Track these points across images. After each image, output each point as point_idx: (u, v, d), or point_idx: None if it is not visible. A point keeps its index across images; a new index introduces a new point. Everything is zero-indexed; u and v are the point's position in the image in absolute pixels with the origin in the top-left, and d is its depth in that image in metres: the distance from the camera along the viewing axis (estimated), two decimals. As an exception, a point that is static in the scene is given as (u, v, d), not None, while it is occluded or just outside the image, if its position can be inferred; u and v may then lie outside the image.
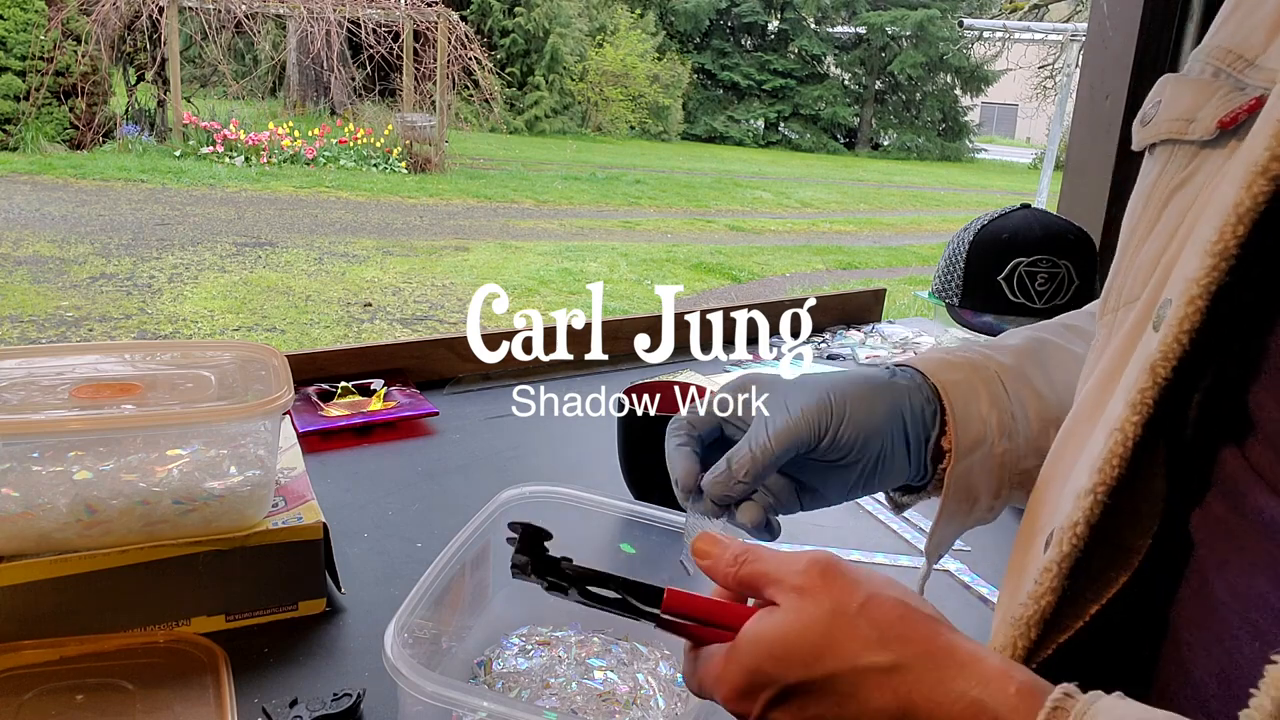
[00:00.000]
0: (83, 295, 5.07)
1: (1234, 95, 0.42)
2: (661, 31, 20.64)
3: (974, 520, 0.61)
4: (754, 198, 11.47)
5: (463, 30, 11.00)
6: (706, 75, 21.81)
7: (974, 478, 0.58)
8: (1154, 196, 0.46)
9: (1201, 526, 0.40)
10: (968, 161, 22.25)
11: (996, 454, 0.58)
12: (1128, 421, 0.40)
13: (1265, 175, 0.36)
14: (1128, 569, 0.42)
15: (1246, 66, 0.42)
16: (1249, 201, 0.37)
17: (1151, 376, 0.39)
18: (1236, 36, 0.44)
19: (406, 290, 5.73)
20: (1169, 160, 0.45)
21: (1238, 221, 0.37)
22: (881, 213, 11.56)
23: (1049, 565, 0.42)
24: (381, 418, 1.13)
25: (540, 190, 10.13)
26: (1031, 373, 0.60)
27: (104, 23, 9.53)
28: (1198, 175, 0.43)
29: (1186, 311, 0.38)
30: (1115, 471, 0.40)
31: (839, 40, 22.88)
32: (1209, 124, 0.42)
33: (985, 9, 22.26)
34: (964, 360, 0.60)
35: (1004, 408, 0.58)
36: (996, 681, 0.37)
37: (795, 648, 0.40)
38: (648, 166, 13.49)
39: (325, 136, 10.71)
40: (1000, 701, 0.37)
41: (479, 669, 0.68)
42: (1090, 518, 0.41)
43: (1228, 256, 0.37)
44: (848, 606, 0.40)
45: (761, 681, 0.41)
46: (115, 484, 0.69)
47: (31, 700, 0.63)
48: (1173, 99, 0.46)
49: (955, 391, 0.58)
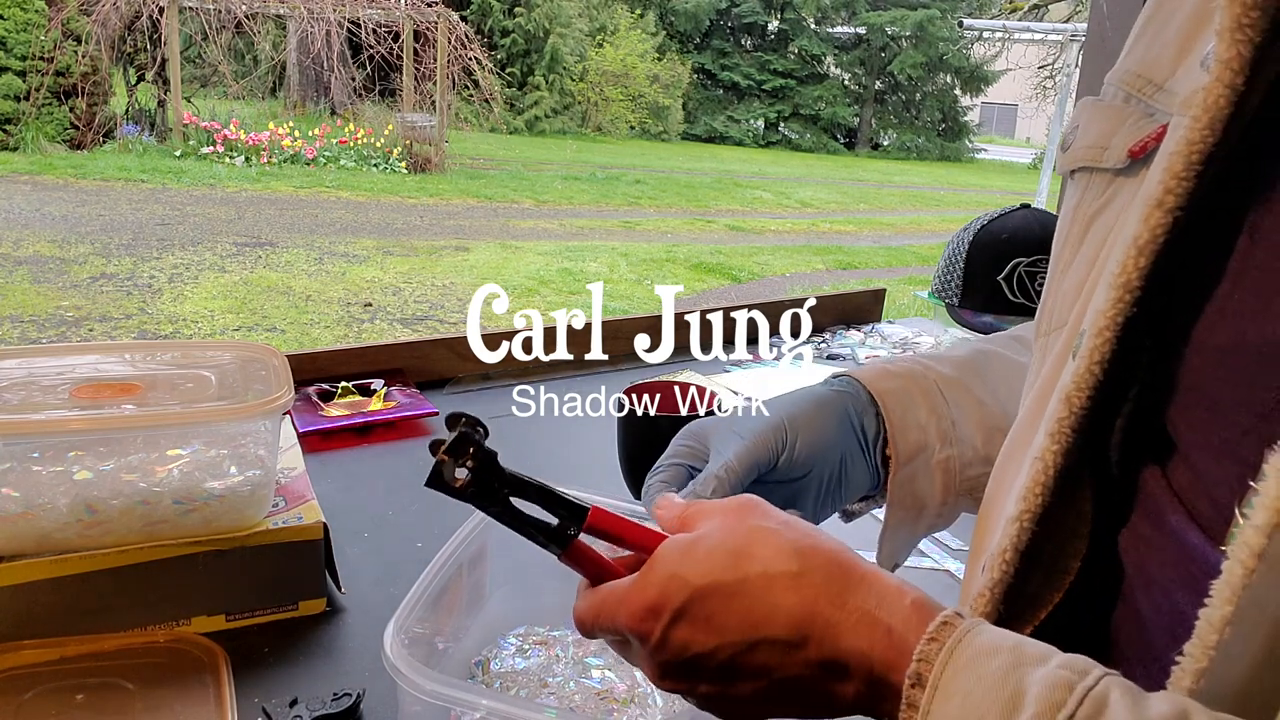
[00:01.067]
0: (83, 295, 5.07)
1: (1144, 122, 0.42)
2: (661, 31, 20.64)
3: (925, 527, 0.62)
4: (754, 198, 11.47)
5: (463, 30, 11.00)
6: (706, 75, 21.81)
7: (918, 485, 0.59)
8: (1075, 223, 0.46)
9: (1129, 547, 0.41)
10: (967, 161, 22.25)
11: (939, 460, 0.59)
12: (1048, 451, 0.41)
13: (1161, 208, 0.37)
14: (1060, 589, 0.43)
15: (1156, 91, 0.42)
16: (1147, 235, 0.37)
17: (1068, 406, 0.40)
18: (1145, 60, 0.43)
19: (406, 290, 5.73)
20: (1087, 187, 0.45)
21: (1138, 254, 0.37)
22: (881, 213, 11.56)
23: (982, 591, 0.43)
24: (381, 418, 1.13)
25: (540, 190, 10.13)
26: (972, 383, 0.62)
27: (104, 23, 9.53)
28: (1114, 203, 0.43)
29: (1096, 343, 0.39)
30: (1039, 500, 0.41)
31: (839, 40, 22.87)
32: (1120, 152, 0.42)
33: (985, 9, 22.26)
34: (902, 370, 0.62)
35: (943, 415, 0.60)
36: (892, 596, 0.39)
37: (713, 552, 0.42)
38: (648, 166, 13.49)
39: (325, 136, 10.71)
40: (894, 614, 0.38)
41: (476, 669, 0.68)
42: (1018, 544, 0.42)
43: (1132, 289, 0.38)
44: (765, 525, 0.43)
45: (673, 590, 0.41)
46: (115, 484, 0.69)
47: (31, 700, 0.63)
48: (1089, 124, 0.46)
49: (892, 400, 0.59)
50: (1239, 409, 0.35)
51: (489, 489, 0.44)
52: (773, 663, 0.40)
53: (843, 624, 0.39)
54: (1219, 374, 0.37)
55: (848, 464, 0.58)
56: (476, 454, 0.43)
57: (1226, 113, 0.35)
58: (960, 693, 0.35)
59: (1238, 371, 0.36)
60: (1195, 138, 0.36)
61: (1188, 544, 0.37)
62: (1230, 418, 0.36)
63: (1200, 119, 0.36)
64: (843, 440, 0.58)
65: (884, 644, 0.38)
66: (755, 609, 0.40)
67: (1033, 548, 0.42)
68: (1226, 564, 0.32)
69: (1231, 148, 0.36)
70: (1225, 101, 0.35)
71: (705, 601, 0.41)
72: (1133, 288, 0.38)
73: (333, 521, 0.78)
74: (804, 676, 0.40)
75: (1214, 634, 0.32)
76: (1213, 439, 0.37)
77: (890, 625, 0.38)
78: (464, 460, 0.43)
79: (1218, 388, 0.37)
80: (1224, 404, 0.36)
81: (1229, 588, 0.31)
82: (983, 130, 28.81)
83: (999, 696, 0.33)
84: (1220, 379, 0.36)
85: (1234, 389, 0.36)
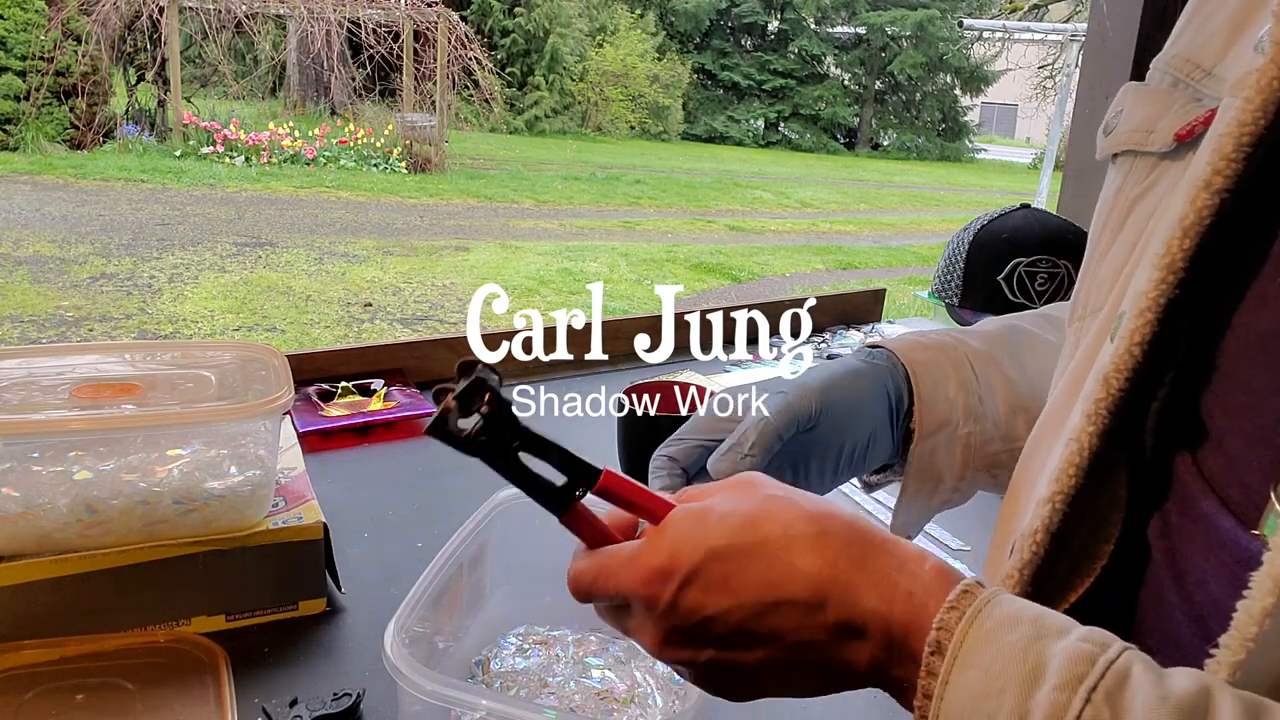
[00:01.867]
0: (83, 295, 5.07)
1: (1191, 106, 0.42)
2: (661, 31, 20.64)
3: (939, 501, 0.62)
4: (754, 198, 11.47)
5: (463, 30, 11.00)
6: (706, 75, 21.80)
7: (937, 458, 0.59)
8: (1116, 207, 0.46)
9: (1159, 535, 0.41)
10: (967, 161, 22.24)
11: (960, 436, 0.59)
12: (1084, 432, 0.41)
13: (1208, 190, 0.37)
14: (1090, 574, 0.43)
15: (1204, 76, 0.42)
16: (1193, 216, 0.37)
17: (1105, 388, 0.40)
18: (1194, 45, 0.43)
19: (406, 290, 5.73)
20: (1130, 171, 0.45)
21: (1183, 235, 0.37)
22: (881, 213, 11.56)
23: (1010, 572, 0.43)
24: (381, 418, 1.13)
25: (540, 190, 10.13)
26: (1002, 359, 0.61)
27: (104, 23, 9.53)
28: (1158, 186, 0.43)
29: (1137, 324, 0.39)
30: (1072, 481, 0.41)
31: (839, 40, 22.87)
32: (1167, 136, 0.42)
33: (985, 9, 22.26)
34: (935, 343, 0.61)
35: (971, 391, 0.60)
36: (913, 561, 0.39)
37: (728, 516, 0.41)
38: (648, 166, 13.49)
39: (325, 136, 10.71)
40: (915, 579, 0.38)
41: (476, 669, 0.68)
42: (1050, 525, 0.42)
43: (1175, 270, 0.38)
44: (777, 493, 0.42)
45: (685, 552, 0.40)
46: (115, 484, 0.69)
47: (31, 700, 0.63)
48: (1133, 109, 0.46)
49: (924, 372, 0.59)
50: (1276, 395, 0.35)
51: (499, 441, 0.41)
52: (789, 625, 0.39)
53: (862, 585, 0.38)
54: (1259, 359, 0.36)
55: (876, 435, 0.58)
56: (492, 401, 0.40)
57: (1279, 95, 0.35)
58: (980, 664, 0.34)
59: (1277, 357, 0.35)
60: (1247, 119, 0.36)
61: (1219, 530, 0.37)
62: (1267, 403, 0.36)
63: (1253, 100, 0.36)
64: (877, 410, 0.58)
65: (904, 607, 0.37)
66: (774, 569, 0.39)
67: (1064, 530, 0.42)
68: (1268, 555, 0.31)
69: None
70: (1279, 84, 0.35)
71: (722, 563, 0.39)
72: (1176, 269, 0.38)
73: (333, 521, 0.78)
74: (817, 641, 0.39)
75: (1254, 626, 0.31)
76: (1247, 425, 0.36)
77: (911, 590, 0.37)
78: (477, 407, 0.40)
79: (1255, 373, 0.36)
80: (1261, 390, 0.36)
81: (1270, 579, 0.31)
82: (983, 130, 28.80)
83: (1019, 668, 0.33)
84: (1259, 364, 0.36)
85: (1272, 375, 0.36)
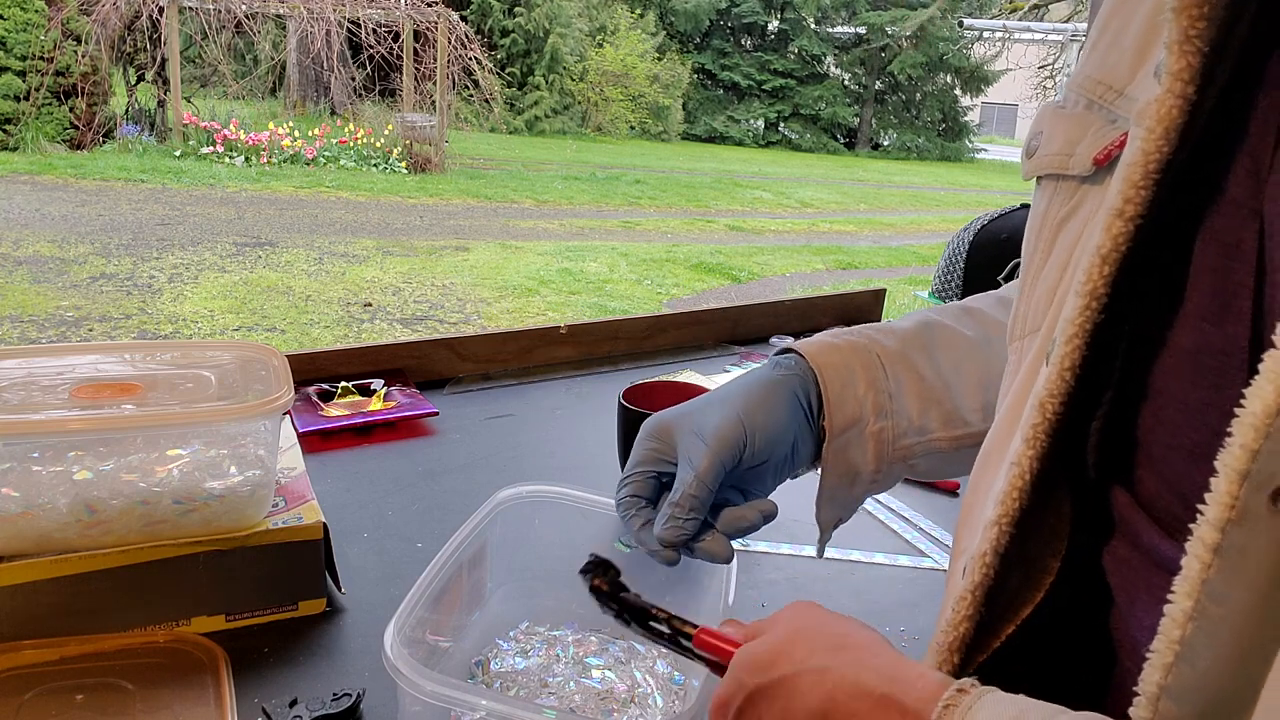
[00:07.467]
0: (83, 295, 5.07)
1: (1106, 130, 0.42)
2: (661, 31, 20.63)
3: (860, 492, 0.64)
4: (754, 198, 11.47)
5: (463, 30, 10.99)
6: (706, 75, 21.80)
7: (851, 454, 0.61)
8: (1045, 228, 0.46)
9: (1112, 568, 0.41)
10: (967, 161, 22.24)
11: (872, 432, 0.61)
12: (1024, 456, 0.41)
13: (1121, 218, 0.37)
14: (1040, 588, 0.44)
15: (1117, 98, 0.42)
16: (1109, 244, 0.37)
17: (1041, 413, 0.41)
18: (1104, 66, 0.43)
19: (406, 290, 5.73)
20: (1055, 194, 0.45)
21: (1102, 263, 0.38)
22: (881, 213, 11.55)
23: (963, 594, 0.44)
24: (381, 418, 1.13)
25: (540, 190, 10.12)
26: (915, 356, 0.63)
27: (104, 23, 9.53)
28: (1081, 209, 0.43)
29: (1066, 350, 0.39)
30: (1016, 504, 0.42)
31: (839, 40, 22.87)
32: (1085, 160, 0.42)
33: (985, 9, 22.26)
34: (846, 343, 0.63)
35: (881, 389, 0.61)
36: (904, 680, 0.40)
37: (762, 657, 0.45)
38: (648, 166, 13.48)
39: (325, 136, 10.71)
40: (906, 694, 0.39)
41: (476, 669, 0.68)
42: (998, 548, 0.43)
43: (1098, 296, 0.38)
44: (807, 625, 0.46)
45: (737, 690, 0.45)
46: (115, 484, 0.69)
47: (31, 700, 0.63)
48: (1053, 131, 0.46)
49: (832, 374, 0.61)
50: (1209, 410, 0.36)
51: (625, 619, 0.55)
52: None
53: (858, 706, 0.40)
54: (1189, 376, 0.37)
55: (798, 442, 0.60)
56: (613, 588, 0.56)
57: (1180, 122, 0.36)
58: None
59: (1206, 373, 0.36)
60: (1151, 148, 0.36)
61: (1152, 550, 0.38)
62: (1201, 419, 0.36)
63: (1154, 130, 0.36)
64: (794, 422, 0.60)
65: None
66: (791, 706, 0.43)
67: (1011, 550, 0.43)
68: (1185, 559, 0.32)
69: (1189, 153, 0.36)
70: (1178, 112, 0.35)
71: (754, 705, 0.44)
72: (1099, 295, 0.38)
73: (333, 521, 0.78)
74: None
75: (1177, 629, 0.32)
76: (1185, 440, 0.37)
77: (903, 705, 0.39)
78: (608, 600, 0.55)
79: (1188, 390, 0.37)
80: (1194, 405, 0.37)
81: (1188, 582, 0.32)
82: (983, 130, 28.81)
83: None
84: (1190, 381, 0.37)
85: (1203, 391, 0.36)
